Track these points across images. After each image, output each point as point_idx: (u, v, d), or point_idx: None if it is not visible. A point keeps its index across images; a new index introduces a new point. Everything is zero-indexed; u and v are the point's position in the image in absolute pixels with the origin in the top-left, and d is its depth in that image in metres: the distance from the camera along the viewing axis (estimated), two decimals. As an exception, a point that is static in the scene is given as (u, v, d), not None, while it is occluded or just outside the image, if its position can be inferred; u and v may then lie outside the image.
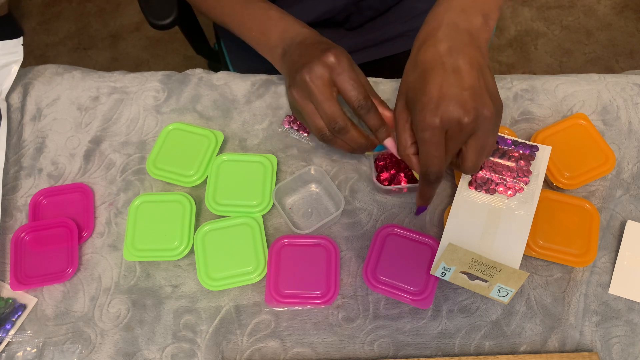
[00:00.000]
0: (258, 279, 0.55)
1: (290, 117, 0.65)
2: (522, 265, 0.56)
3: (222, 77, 0.68)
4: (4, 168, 0.63)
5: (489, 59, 0.48)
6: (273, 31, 0.59)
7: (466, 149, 0.47)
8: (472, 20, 0.47)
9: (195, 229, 0.58)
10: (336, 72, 0.51)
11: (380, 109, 0.54)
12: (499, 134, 0.58)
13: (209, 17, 0.67)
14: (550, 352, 0.52)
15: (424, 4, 0.79)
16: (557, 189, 0.58)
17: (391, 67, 0.82)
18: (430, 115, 0.44)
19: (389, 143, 0.54)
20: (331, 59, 0.51)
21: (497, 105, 0.46)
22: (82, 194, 0.61)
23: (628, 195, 0.59)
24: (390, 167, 0.59)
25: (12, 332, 0.55)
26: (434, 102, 0.44)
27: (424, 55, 0.46)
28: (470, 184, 0.56)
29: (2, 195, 0.61)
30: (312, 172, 0.59)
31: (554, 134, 0.60)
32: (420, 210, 0.56)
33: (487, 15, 0.48)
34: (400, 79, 0.66)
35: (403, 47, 0.81)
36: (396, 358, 0.53)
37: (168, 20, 0.80)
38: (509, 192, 0.55)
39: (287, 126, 0.64)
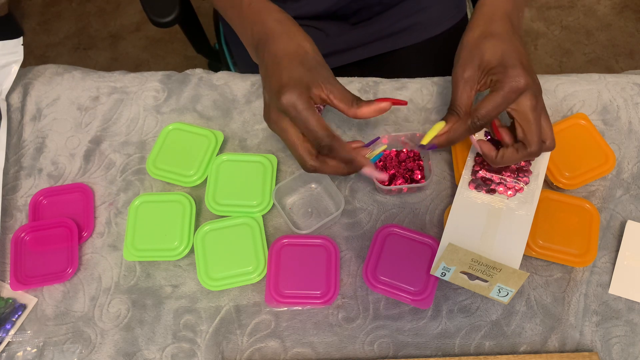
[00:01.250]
0: (258, 279, 0.55)
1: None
2: (522, 265, 0.56)
3: (222, 77, 0.68)
4: (4, 168, 0.63)
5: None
6: (247, 22, 0.56)
7: (531, 126, 0.51)
8: (519, 14, 0.55)
9: (195, 229, 0.58)
10: (291, 116, 0.49)
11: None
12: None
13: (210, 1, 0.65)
14: (550, 352, 0.52)
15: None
16: (557, 189, 0.58)
17: (395, 62, 0.82)
18: (521, 76, 0.49)
19: (367, 171, 0.51)
20: (284, 104, 0.49)
21: None
22: (82, 194, 0.61)
23: (628, 195, 0.59)
24: (390, 168, 0.60)
25: (12, 332, 0.55)
26: (522, 68, 0.49)
27: (499, 28, 0.52)
28: (470, 184, 0.56)
29: (2, 195, 0.61)
30: (312, 172, 0.59)
31: (554, 134, 0.59)
32: (428, 147, 0.54)
33: (522, 11, 0.56)
34: (402, 79, 0.67)
35: (407, 42, 0.81)
36: (396, 358, 0.53)
37: (170, 18, 0.80)
38: (509, 192, 0.55)
39: (287, 126, 0.64)
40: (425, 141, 0.53)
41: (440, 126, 0.52)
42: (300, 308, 0.55)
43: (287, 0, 0.72)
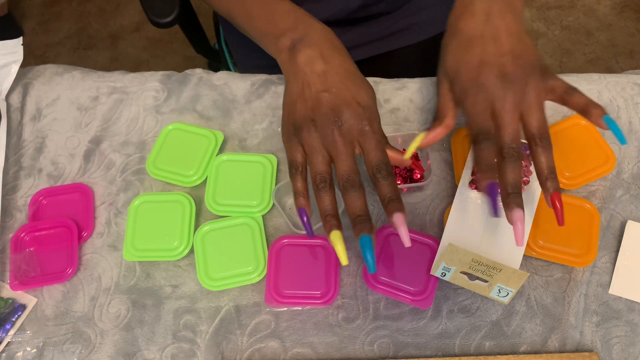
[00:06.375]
0: (258, 279, 0.55)
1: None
2: (522, 266, 0.56)
3: (222, 77, 0.68)
4: (4, 168, 0.63)
5: (525, 25, 0.49)
6: (283, 21, 0.54)
7: (525, 116, 0.47)
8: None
9: (195, 229, 0.58)
10: (362, 112, 0.48)
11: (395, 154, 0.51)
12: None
13: (212, 6, 0.63)
14: (551, 352, 0.52)
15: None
16: (557, 189, 0.58)
17: (396, 61, 0.82)
18: (473, 82, 0.45)
19: (398, 220, 0.46)
20: (366, 98, 0.48)
21: (540, 66, 0.47)
22: (82, 194, 0.61)
23: (628, 195, 0.59)
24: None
25: (12, 332, 0.55)
26: (475, 69, 0.45)
27: (462, 27, 0.47)
28: (470, 184, 0.56)
29: (2, 195, 0.61)
30: (312, 172, 0.59)
31: (554, 134, 0.59)
32: (491, 190, 0.47)
33: None
34: (402, 79, 0.67)
35: (408, 41, 0.81)
36: (396, 358, 0.53)
37: (169, 19, 0.80)
38: (509, 192, 0.55)
39: (287, 126, 0.64)
40: (408, 155, 0.51)
41: (421, 137, 0.51)
42: (300, 308, 0.55)
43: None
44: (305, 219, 0.49)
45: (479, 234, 0.54)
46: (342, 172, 0.47)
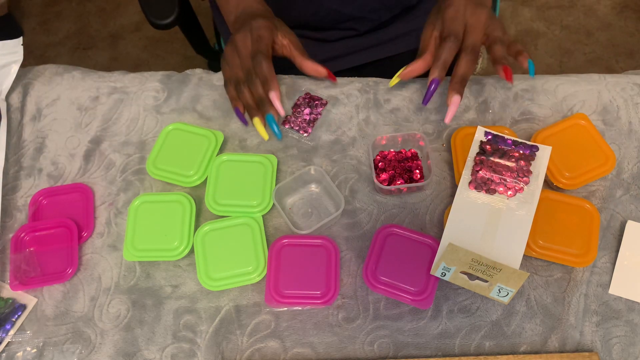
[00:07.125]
0: (258, 279, 0.55)
1: (290, 117, 0.65)
2: (522, 266, 0.56)
3: (222, 77, 0.68)
4: (4, 168, 0.63)
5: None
6: (231, 3, 0.67)
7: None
8: None
9: (195, 229, 0.58)
10: (256, 34, 0.61)
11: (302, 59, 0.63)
12: (499, 133, 0.58)
13: None
14: (551, 352, 0.52)
15: (426, 4, 0.79)
16: (557, 189, 0.58)
17: (394, 66, 0.82)
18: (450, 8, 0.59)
19: (273, 95, 0.59)
20: (254, 24, 0.61)
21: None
22: (82, 194, 0.61)
23: (628, 196, 0.59)
24: (390, 168, 0.60)
25: (12, 332, 0.55)
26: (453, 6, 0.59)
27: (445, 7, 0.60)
28: (470, 183, 0.56)
29: (2, 195, 0.61)
30: (312, 172, 0.59)
31: (554, 134, 0.60)
32: (431, 90, 0.59)
33: None
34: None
35: (405, 47, 0.81)
36: (396, 358, 0.53)
37: (169, 20, 0.80)
38: (509, 192, 0.55)
39: (287, 126, 0.64)
40: (392, 83, 0.64)
41: (402, 69, 0.62)
42: (300, 308, 0.55)
43: (306, 26, 0.77)
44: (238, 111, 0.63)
45: (479, 234, 0.54)
46: (245, 67, 0.61)
